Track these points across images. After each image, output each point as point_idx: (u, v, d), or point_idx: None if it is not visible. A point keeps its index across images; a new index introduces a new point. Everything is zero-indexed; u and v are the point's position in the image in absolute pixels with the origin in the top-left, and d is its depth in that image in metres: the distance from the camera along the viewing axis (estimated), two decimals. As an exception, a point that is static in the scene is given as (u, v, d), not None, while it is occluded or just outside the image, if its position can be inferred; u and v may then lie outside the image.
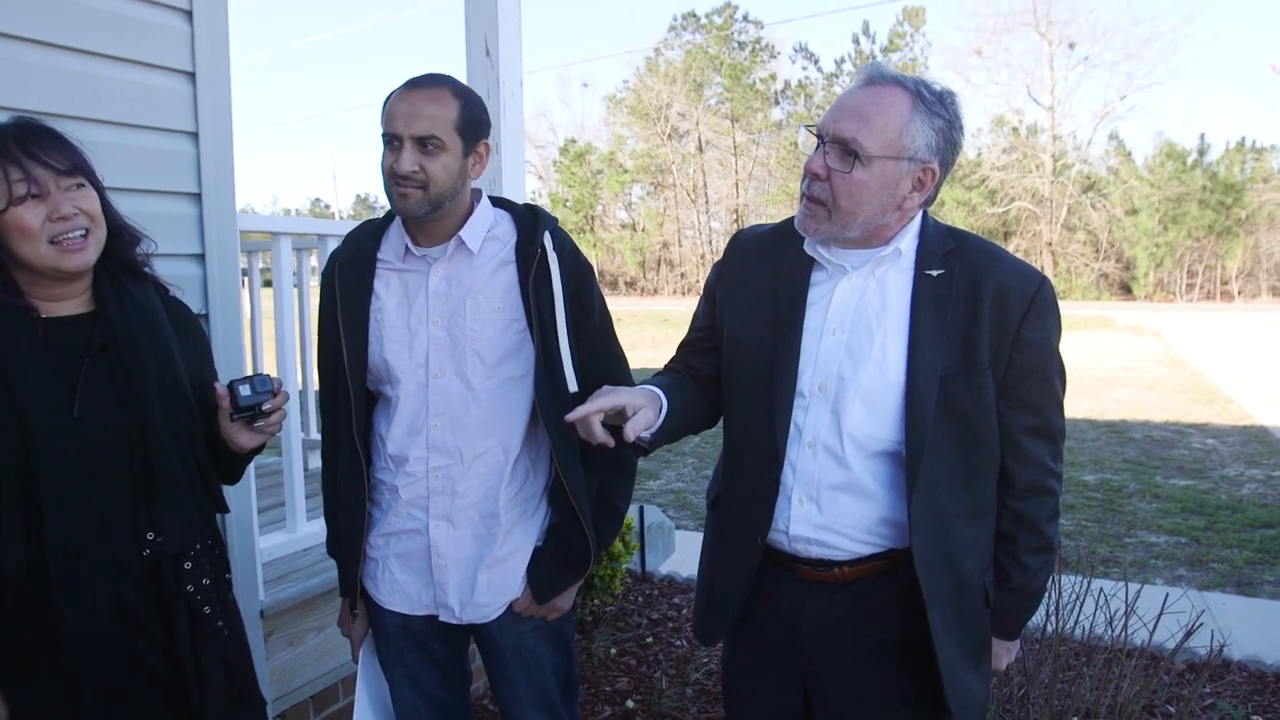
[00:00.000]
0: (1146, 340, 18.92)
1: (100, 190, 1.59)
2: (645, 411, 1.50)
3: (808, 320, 1.59)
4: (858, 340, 1.54)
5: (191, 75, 2.22)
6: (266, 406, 1.62)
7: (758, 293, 1.66)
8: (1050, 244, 38.75)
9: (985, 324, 1.51)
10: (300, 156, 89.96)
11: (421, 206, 1.70)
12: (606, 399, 1.47)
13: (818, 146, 1.52)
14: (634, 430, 1.45)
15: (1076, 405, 10.27)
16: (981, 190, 39.23)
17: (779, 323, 1.60)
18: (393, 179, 1.69)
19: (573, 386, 1.75)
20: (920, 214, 1.60)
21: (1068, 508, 6.17)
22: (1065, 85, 39.41)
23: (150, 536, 1.59)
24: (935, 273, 1.54)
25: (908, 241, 1.57)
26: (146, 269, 1.73)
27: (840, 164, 1.48)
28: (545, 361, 1.75)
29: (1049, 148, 39.12)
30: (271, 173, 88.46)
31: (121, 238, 1.65)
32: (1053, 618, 2.63)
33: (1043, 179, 38.79)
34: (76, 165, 1.54)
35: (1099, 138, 42.75)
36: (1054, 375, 1.58)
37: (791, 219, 1.64)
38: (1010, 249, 1.88)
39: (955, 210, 37.94)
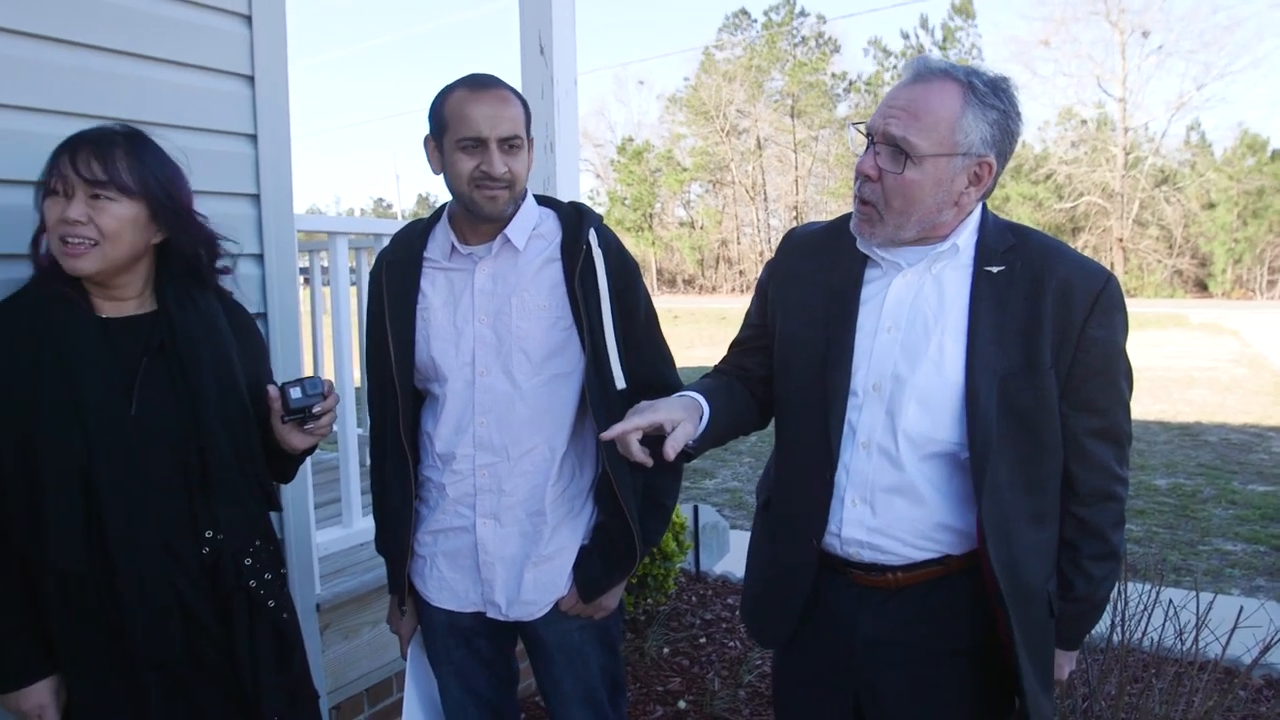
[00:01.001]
0: (1224, 339, 18.21)
1: (154, 208, 1.60)
2: (684, 425, 1.46)
3: (861, 318, 1.55)
4: (914, 338, 1.50)
5: (251, 79, 2.26)
6: (317, 409, 1.65)
7: (810, 290, 1.62)
8: (1121, 240, 37.56)
9: (1047, 322, 1.46)
10: (363, 157, 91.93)
11: (509, 206, 1.73)
12: (643, 416, 1.44)
13: (868, 146, 1.48)
14: (673, 448, 1.42)
15: (1148, 406, 9.93)
16: (1048, 185, 38.21)
17: (832, 320, 1.57)
18: (481, 182, 1.70)
19: (620, 384, 1.74)
20: (979, 208, 1.54)
21: (1137, 513, 5.97)
22: (1138, 75, 38.21)
23: (209, 534, 1.63)
24: (995, 269, 1.49)
25: (966, 237, 1.52)
26: (219, 276, 1.77)
27: (892, 164, 1.44)
28: (594, 358, 1.74)
29: (1120, 140, 37.92)
30: (336, 174, 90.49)
31: (189, 245, 1.68)
32: (1119, 628, 2.53)
33: (1114, 173, 37.60)
34: (114, 179, 1.55)
35: (1174, 130, 41.36)
36: (1120, 376, 1.52)
37: (845, 216, 1.61)
38: (1079, 245, 1.81)
39: (1021, 205, 37.02)
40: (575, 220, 1.81)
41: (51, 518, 1.52)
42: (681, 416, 1.48)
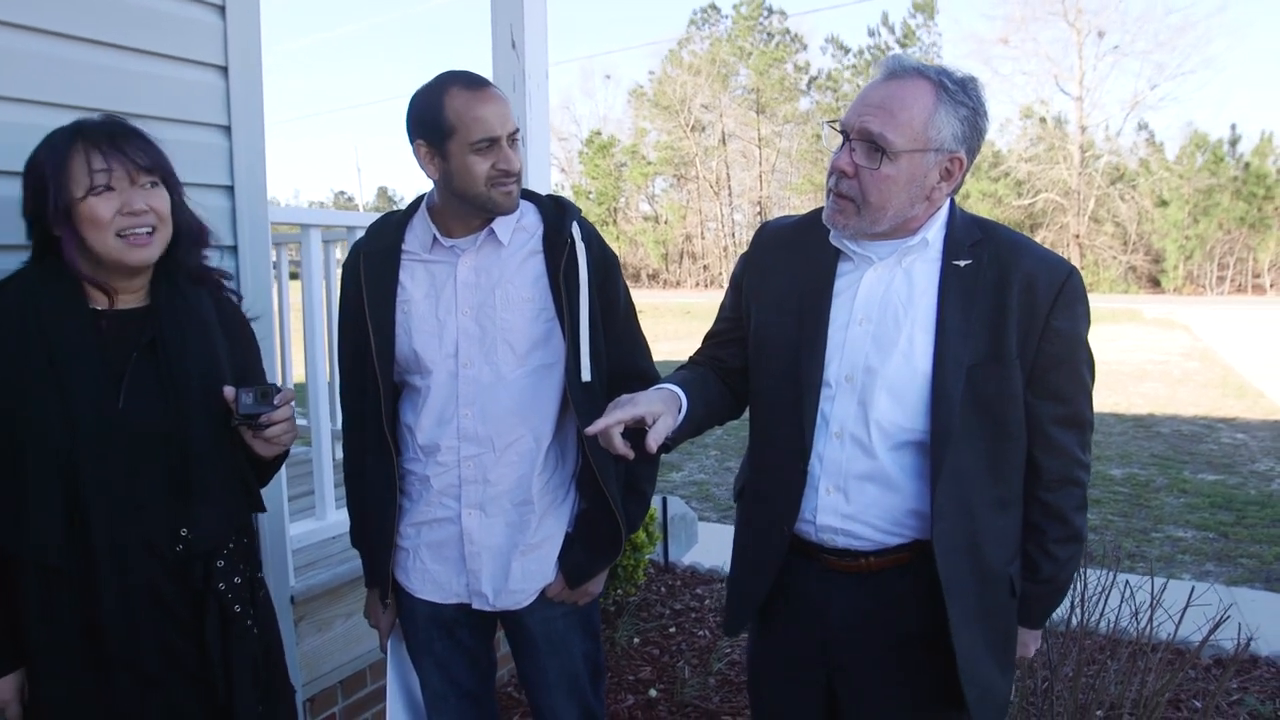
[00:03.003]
0: (1175, 334, 18.67)
1: (175, 191, 1.64)
2: (665, 418, 1.50)
3: (834, 311, 1.59)
4: (885, 330, 1.55)
5: (224, 69, 2.25)
6: (263, 419, 1.61)
7: (784, 284, 1.66)
8: (1078, 236, 38.28)
9: (1013, 314, 1.51)
10: (323, 149, 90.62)
11: (518, 199, 1.75)
12: (625, 410, 1.47)
13: (843, 143, 1.52)
14: (655, 440, 1.46)
15: (1103, 399, 10.17)
16: (1007, 182, 38.80)
17: (805, 314, 1.61)
18: (499, 180, 1.71)
19: (586, 376, 1.77)
20: (948, 203, 1.60)
21: (1094, 502, 6.12)
22: (1095, 75, 38.95)
23: (184, 533, 1.61)
24: (963, 263, 1.54)
25: (935, 231, 1.57)
26: (209, 271, 1.76)
27: (867, 160, 1.49)
28: (574, 350, 1.77)
29: (1077, 139, 38.63)
30: (295, 165, 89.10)
31: (186, 239, 1.68)
32: (1077, 610, 2.62)
33: (1070, 170, 38.30)
34: (155, 164, 1.58)
35: (1128, 129, 42.17)
36: (1082, 365, 1.58)
37: (817, 211, 1.65)
38: (1037, 241, 1.85)
39: (981, 202, 37.54)
40: (557, 213, 1.83)
41: (33, 510, 1.51)
42: (661, 409, 1.51)
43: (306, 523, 2.99)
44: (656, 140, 47.45)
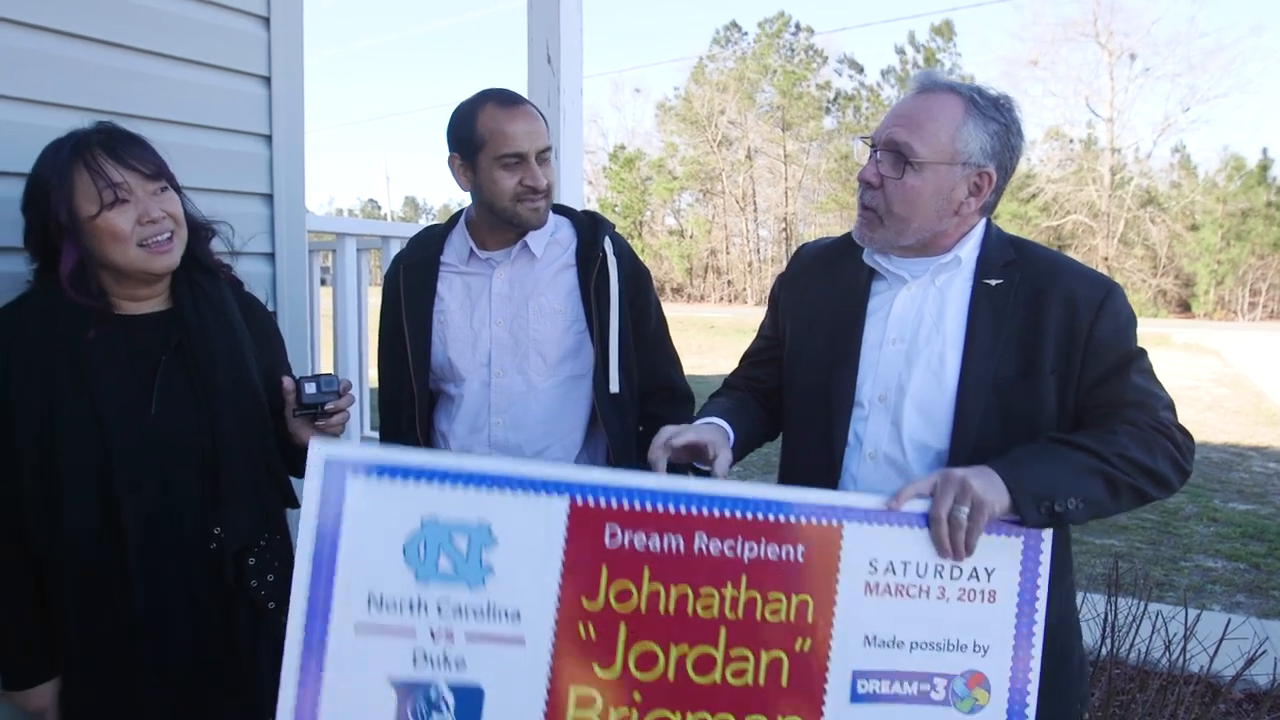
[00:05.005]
0: (1206, 359, 18.42)
1: (179, 191, 1.65)
2: (724, 451, 1.52)
3: (867, 331, 1.59)
4: (917, 349, 1.54)
5: (267, 80, 2.29)
6: (329, 406, 1.66)
7: (819, 305, 1.67)
8: (1106, 259, 37.89)
9: (1049, 331, 1.49)
10: (355, 159, 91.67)
11: (547, 215, 1.78)
12: (683, 437, 1.49)
13: (870, 155, 1.53)
14: (722, 473, 1.48)
15: (1132, 424, 10.03)
16: (1035, 203, 38.55)
17: (838, 333, 1.61)
18: (525, 196, 1.74)
19: (614, 388, 1.79)
20: (983, 222, 1.59)
21: (1120, 528, 6.04)
22: (1125, 97, 38.58)
23: (216, 531, 1.63)
24: (994, 282, 1.53)
25: (968, 250, 1.56)
26: (222, 264, 1.77)
27: (892, 170, 1.49)
28: (603, 361, 1.79)
29: (1107, 160, 38.32)
30: (328, 174, 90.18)
31: (197, 235, 1.69)
32: (1107, 639, 2.58)
33: (1100, 192, 37.99)
34: (160, 169, 1.59)
35: (1159, 151, 41.82)
36: (1133, 374, 1.50)
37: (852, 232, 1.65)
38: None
39: (1009, 223, 37.28)
40: (590, 227, 1.85)
41: (70, 518, 1.52)
42: (721, 443, 1.53)
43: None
44: (683, 155, 47.60)
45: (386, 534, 1.23)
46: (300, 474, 1.86)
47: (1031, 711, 1.35)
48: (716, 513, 1.31)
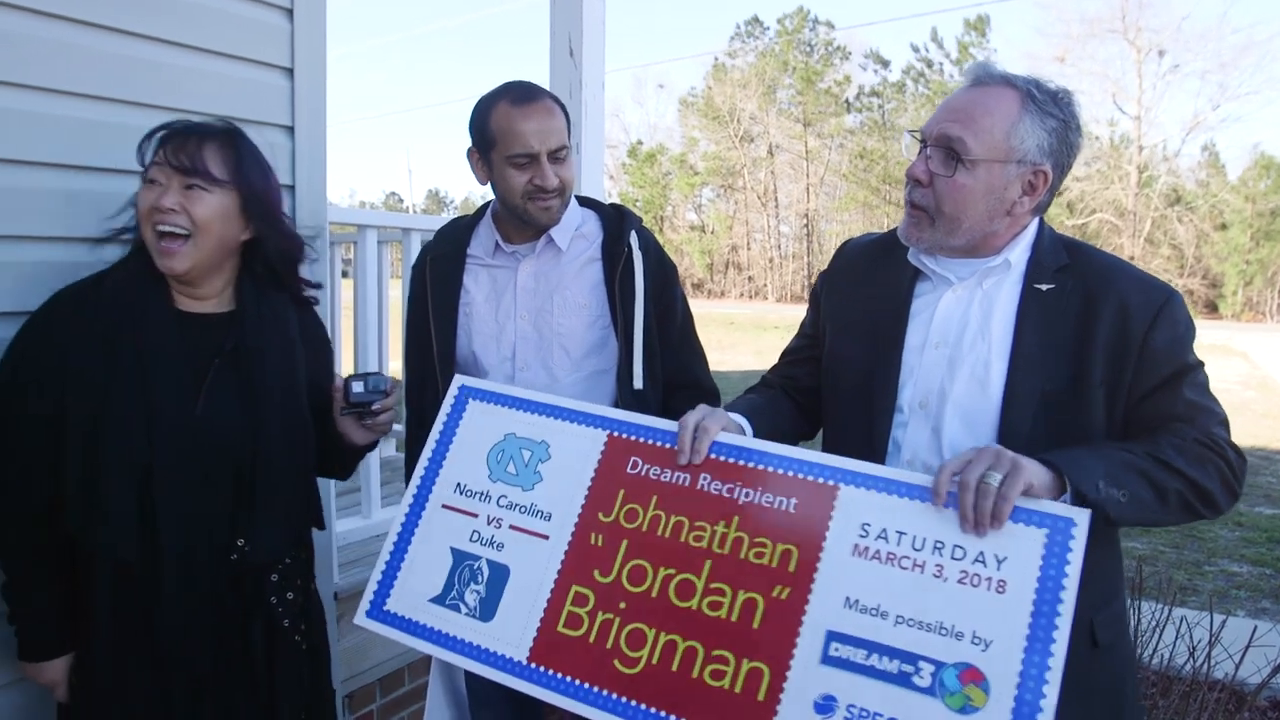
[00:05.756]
0: (1233, 361, 18.16)
1: (245, 202, 1.61)
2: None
3: (910, 334, 1.53)
4: (961, 355, 1.48)
5: (290, 71, 2.30)
6: (375, 406, 1.66)
7: (861, 305, 1.61)
8: (1132, 258, 37.45)
9: (1100, 341, 1.42)
10: (377, 152, 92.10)
11: (560, 213, 1.78)
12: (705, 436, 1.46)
13: (920, 150, 1.46)
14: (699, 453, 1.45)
15: (1156, 426, 9.90)
16: (1059, 201, 38.13)
17: (880, 336, 1.55)
18: (534, 196, 1.73)
19: (638, 384, 1.77)
20: (1036, 222, 1.52)
21: (1143, 531, 5.97)
22: (1153, 94, 38.06)
23: (240, 543, 1.62)
24: (1045, 287, 1.46)
25: (1019, 252, 1.49)
26: (305, 281, 1.77)
27: (943, 168, 1.43)
28: (627, 357, 1.77)
29: (1134, 158, 37.85)
30: (350, 167, 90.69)
31: (275, 245, 1.67)
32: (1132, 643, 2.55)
33: (1126, 191, 37.54)
34: (199, 168, 1.56)
35: (1188, 149, 41.26)
36: (1191, 389, 1.43)
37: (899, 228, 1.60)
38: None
39: (1032, 221, 36.92)
40: (617, 222, 1.84)
41: (108, 508, 1.53)
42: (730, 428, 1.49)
43: (352, 520, 3.02)
44: (705, 150, 47.47)
45: (481, 441, 1.59)
46: (344, 475, 1.89)
47: None
48: (722, 458, 1.44)
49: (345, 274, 4.42)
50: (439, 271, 1.87)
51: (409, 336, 1.96)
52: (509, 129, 1.72)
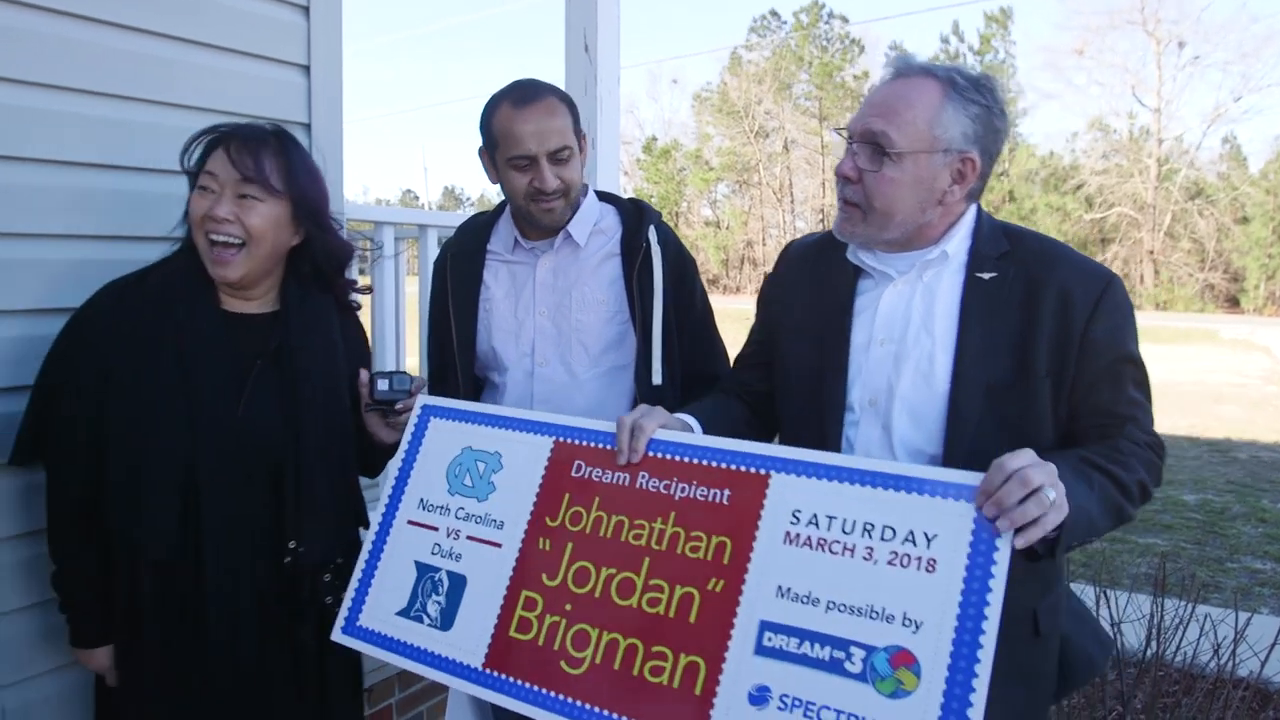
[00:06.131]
0: (1254, 356, 17.97)
1: (297, 209, 1.61)
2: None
3: (855, 332, 1.53)
4: (906, 350, 1.47)
5: (306, 69, 2.30)
6: (399, 405, 1.68)
7: (806, 306, 1.60)
8: (1152, 253, 37.11)
9: (1044, 328, 1.41)
10: (392, 149, 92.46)
11: (565, 214, 1.76)
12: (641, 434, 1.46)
13: (847, 147, 1.46)
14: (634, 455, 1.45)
15: (1176, 421, 9.82)
16: (1077, 196, 37.79)
17: (826, 336, 1.54)
18: (535, 198, 1.73)
19: (657, 380, 1.77)
20: (974, 211, 1.51)
21: (1165, 527, 5.92)
22: (1173, 86, 37.66)
23: (292, 545, 1.63)
24: (987, 275, 1.45)
25: (956, 242, 1.49)
26: (351, 284, 1.79)
27: (870, 163, 1.42)
28: (645, 353, 1.77)
29: (1154, 151, 37.47)
30: (364, 165, 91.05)
31: (320, 250, 1.68)
32: (1154, 640, 2.52)
33: (1146, 184, 37.17)
34: (259, 176, 1.55)
35: (1209, 142, 40.79)
36: (1127, 381, 1.44)
37: None
38: (1108, 257, 1.72)
39: (1048, 216, 36.63)
40: (635, 217, 1.84)
41: (149, 503, 1.54)
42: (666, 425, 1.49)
43: (374, 515, 3.02)
44: (719, 146, 47.36)
45: (441, 457, 1.62)
46: (374, 473, 1.89)
47: (977, 713, 1.13)
48: (661, 455, 1.45)
49: (361, 271, 4.42)
50: (459, 268, 1.88)
51: (430, 332, 1.96)
52: (508, 131, 1.71)
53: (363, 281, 1.91)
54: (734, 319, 2.00)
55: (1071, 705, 2.55)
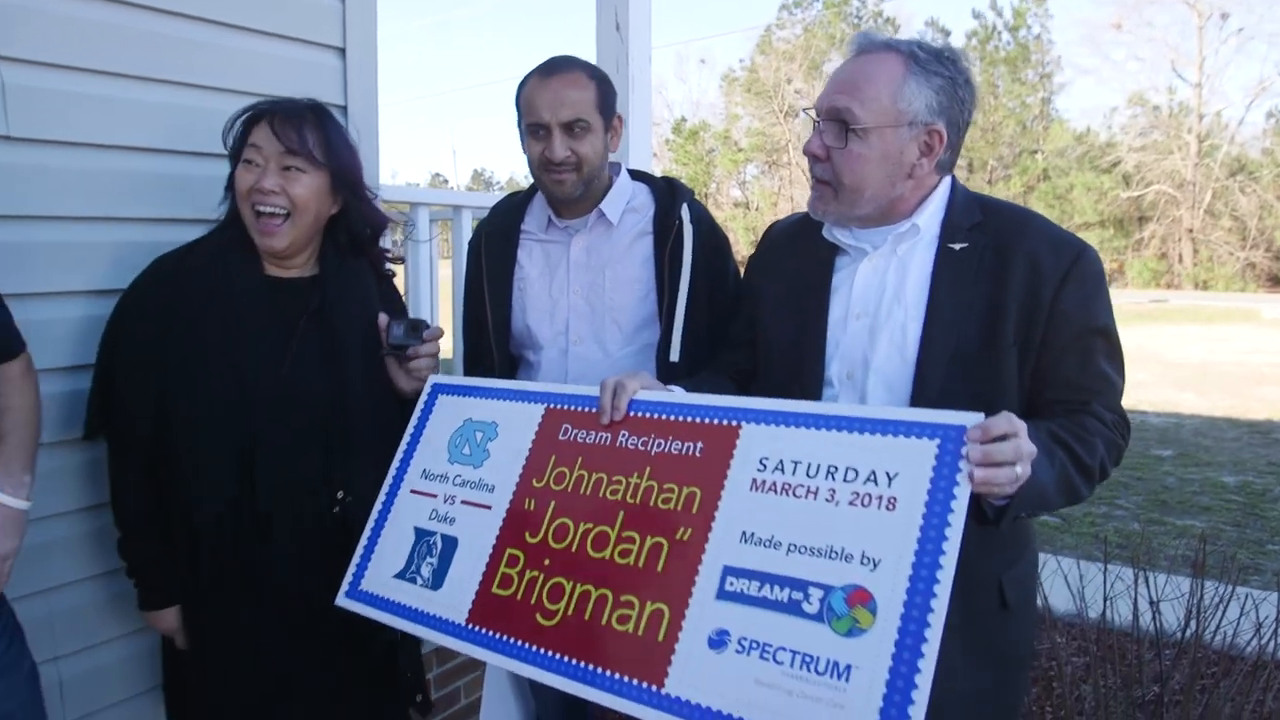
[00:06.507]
0: (1297, 336, 17.58)
1: (336, 180, 1.68)
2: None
3: (832, 308, 1.54)
4: (880, 323, 1.49)
5: (342, 51, 2.32)
6: (410, 351, 1.74)
7: (785, 284, 1.62)
8: (1191, 231, 36.36)
9: (1013, 296, 1.41)
10: (421, 132, 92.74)
11: (576, 189, 1.76)
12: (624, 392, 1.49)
13: (815, 126, 1.47)
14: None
15: (1216, 402, 9.67)
16: (1114, 174, 37.05)
17: (805, 312, 1.56)
18: (545, 167, 1.74)
19: (674, 357, 1.78)
20: (947, 183, 1.52)
21: (1204, 509, 5.84)
22: (1215, 60, 36.73)
23: (340, 495, 1.70)
24: (958, 246, 1.46)
25: (929, 215, 1.50)
26: (384, 254, 1.86)
27: (836, 140, 1.44)
28: (668, 330, 1.78)
29: (1194, 127, 36.61)
30: (393, 147, 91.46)
31: (358, 221, 1.76)
32: (1193, 619, 2.50)
33: (1185, 161, 36.36)
34: (302, 149, 1.62)
35: (1252, 116, 39.75)
36: (1098, 355, 1.43)
37: None
38: (1145, 235, 1.68)
39: (1085, 195, 35.98)
40: (668, 195, 1.84)
41: (208, 462, 1.62)
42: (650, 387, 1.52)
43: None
44: (749, 126, 46.99)
45: (444, 430, 1.70)
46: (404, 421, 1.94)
47: (931, 650, 1.11)
48: (639, 414, 1.49)
49: (395, 251, 4.45)
50: (494, 247, 1.90)
51: (465, 312, 1.99)
52: (529, 99, 1.75)
53: (396, 253, 1.97)
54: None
55: (1108, 686, 2.53)
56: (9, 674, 1.49)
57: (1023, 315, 1.41)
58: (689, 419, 1.44)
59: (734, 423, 1.39)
